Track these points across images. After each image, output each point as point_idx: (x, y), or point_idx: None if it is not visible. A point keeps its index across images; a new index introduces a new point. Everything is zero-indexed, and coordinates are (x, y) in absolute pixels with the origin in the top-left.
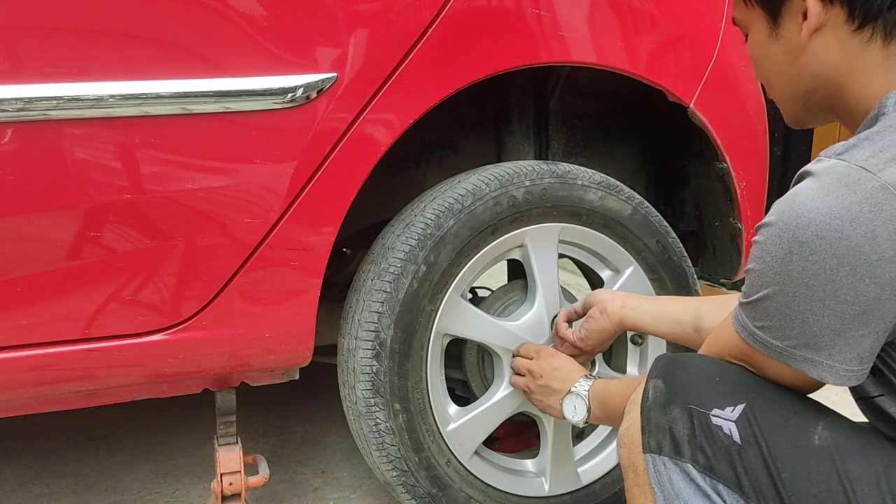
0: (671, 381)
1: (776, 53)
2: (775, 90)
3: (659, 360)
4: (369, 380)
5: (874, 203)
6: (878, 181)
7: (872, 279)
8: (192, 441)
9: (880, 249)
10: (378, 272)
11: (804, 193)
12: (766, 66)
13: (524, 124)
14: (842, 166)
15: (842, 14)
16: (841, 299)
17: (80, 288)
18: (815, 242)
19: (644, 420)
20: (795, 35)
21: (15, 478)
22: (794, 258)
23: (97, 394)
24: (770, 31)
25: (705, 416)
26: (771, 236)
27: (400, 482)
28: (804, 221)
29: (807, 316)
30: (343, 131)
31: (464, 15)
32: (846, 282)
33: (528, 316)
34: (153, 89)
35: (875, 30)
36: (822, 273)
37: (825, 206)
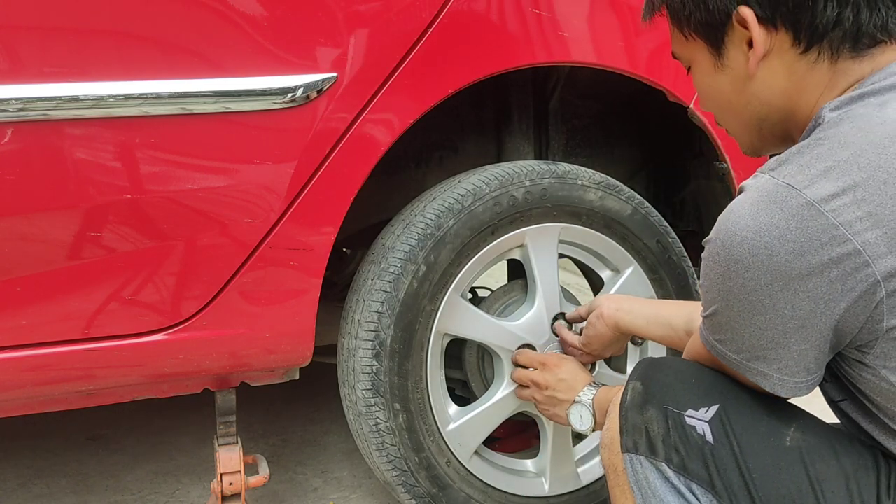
0: (649, 382)
1: (723, 84)
2: (727, 121)
3: (640, 364)
4: (369, 380)
5: (800, 220)
6: (804, 198)
7: (805, 293)
8: (192, 441)
9: (809, 265)
10: (378, 272)
11: (737, 211)
12: (715, 98)
13: (524, 124)
14: (771, 183)
15: (787, 39)
16: (780, 313)
17: (80, 288)
18: (748, 260)
19: (622, 420)
20: (742, 64)
21: (15, 478)
22: (732, 275)
23: (97, 394)
24: (714, 62)
25: (679, 416)
26: (711, 254)
27: (400, 482)
28: (737, 240)
29: (752, 330)
30: (343, 131)
31: (464, 15)
32: (782, 296)
33: (528, 316)
34: (153, 89)
35: (821, 50)
36: (758, 289)
37: (755, 224)
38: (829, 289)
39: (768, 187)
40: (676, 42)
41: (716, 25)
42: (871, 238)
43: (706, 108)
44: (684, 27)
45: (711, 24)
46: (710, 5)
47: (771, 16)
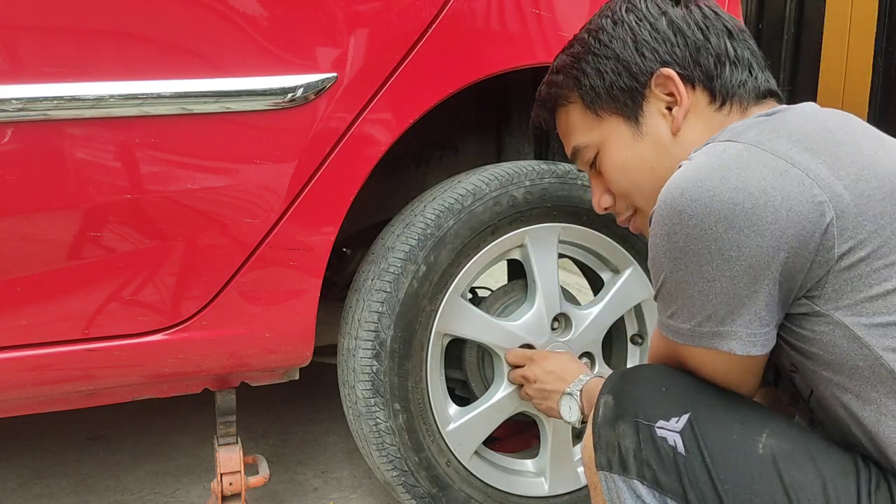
0: (620, 395)
1: (644, 152)
2: (647, 192)
3: (612, 376)
4: (369, 380)
5: (741, 160)
6: (741, 144)
7: (751, 228)
8: (192, 441)
9: (752, 197)
10: (378, 272)
11: (678, 172)
12: (636, 169)
13: (524, 124)
14: (706, 147)
15: (704, 97)
16: (726, 257)
17: (80, 288)
18: (692, 207)
19: (595, 437)
20: (662, 128)
21: (15, 478)
22: (677, 228)
23: (97, 394)
24: (633, 133)
25: (650, 428)
26: (656, 220)
27: (400, 482)
28: (678, 192)
29: (701, 286)
30: (343, 131)
31: (463, 15)
32: (727, 237)
33: (528, 316)
34: (153, 89)
35: (732, 105)
36: (703, 235)
37: (695, 173)
38: (773, 217)
39: (705, 149)
40: (582, 130)
41: (635, 91)
42: (812, 165)
43: (622, 187)
44: (599, 104)
45: (632, 90)
46: (634, 69)
47: (690, 76)
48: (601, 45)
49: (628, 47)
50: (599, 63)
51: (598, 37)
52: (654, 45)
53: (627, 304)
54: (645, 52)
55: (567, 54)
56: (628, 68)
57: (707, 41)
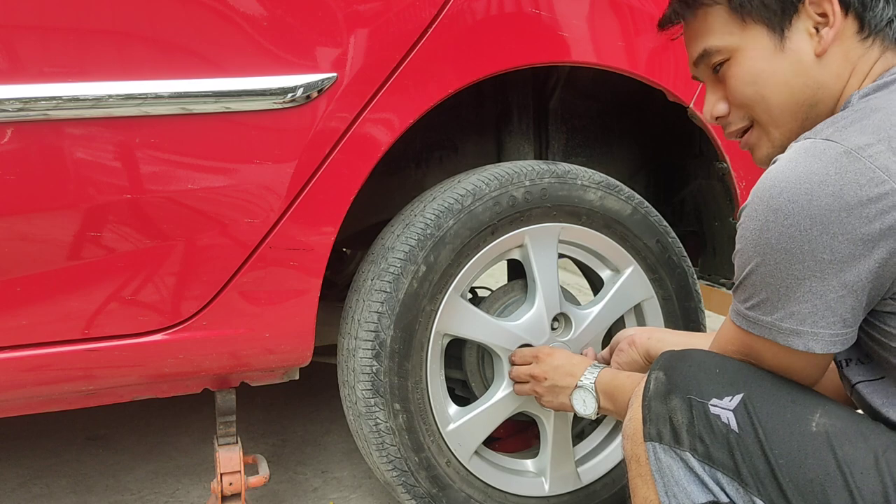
0: (672, 372)
1: (782, 67)
2: (773, 109)
3: (663, 355)
4: (369, 380)
5: (839, 165)
6: (842, 147)
7: (844, 235)
8: (192, 441)
9: (848, 206)
10: (378, 272)
11: (775, 170)
12: (768, 83)
13: (524, 124)
14: (807, 142)
15: (854, 26)
16: (818, 258)
17: (80, 288)
18: (788, 207)
19: (645, 410)
20: (805, 48)
21: (15, 478)
22: (771, 225)
23: (97, 394)
24: (775, 46)
25: (703, 405)
26: (749, 213)
27: (400, 482)
28: (776, 191)
29: (790, 282)
30: (343, 131)
31: (464, 15)
32: (821, 240)
33: (527, 316)
34: (153, 89)
35: (875, 40)
36: (797, 235)
37: (794, 174)
38: (868, 228)
39: (805, 145)
40: (721, 33)
41: (790, 4)
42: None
43: (747, 98)
44: (748, 12)
45: (785, 4)
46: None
47: (846, 3)
48: None
49: None
50: None
51: None
52: None
53: (627, 304)
54: None
55: None
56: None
57: None
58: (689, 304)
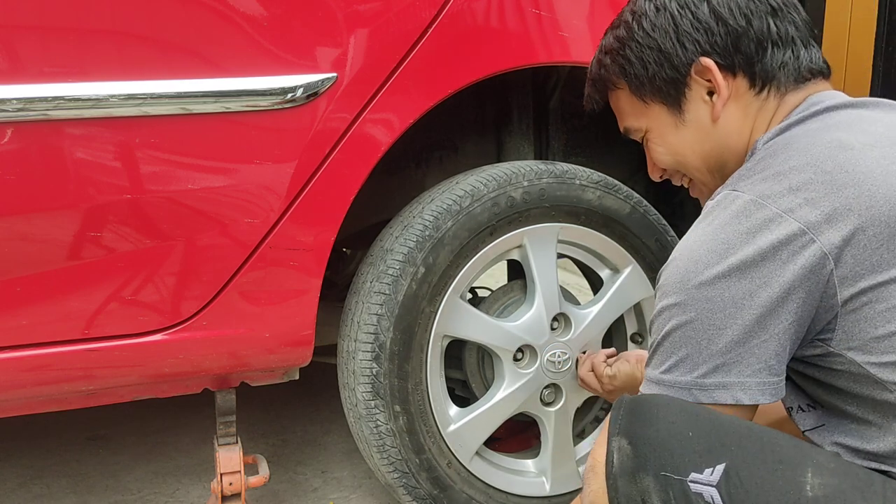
0: (637, 441)
1: (687, 137)
2: (693, 171)
3: (619, 410)
4: (369, 382)
5: (748, 213)
6: (748, 196)
7: (762, 279)
8: (192, 441)
9: (761, 249)
10: (377, 274)
11: (692, 229)
12: (681, 152)
13: (524, 124)
14: (719, 195)
15: (744, 83)
16: (739, 305)
17: (80, 288)
18: (707, 257)
19: (611, 490)
20: (703, 115)
21: (15, 478)
22: (691, 276)
23: (97, 394)
24: (675, 120)
25: (682, 483)
26: (669, 269)
27: (401, 484)
28: (695, 244)
29: (711, 333)
30: (343, 131)
31: (463, 15)
32: (740, 286)
33: (527, 316)
34: (153, 89)
35: (771, 89)
36: (717, 283)
37: (710, 227)
38: (782, 270)
39: (717, 198)
40: (630, 115)
41: (677, 81)
42: (811, 218)
43: (670, 166)
44: (644, 92)
45: (673, 80)
46: (675, 61)
47: (730, 64)
48: (644, 34)
49: (670, 38)
50: (643, 52)
51: (640, 23)
52: (694, 35)
53: (627, 303)
54: (686, 42)
55: (613, 37)
56: (670, 60)
57: (749, 26)
58: None
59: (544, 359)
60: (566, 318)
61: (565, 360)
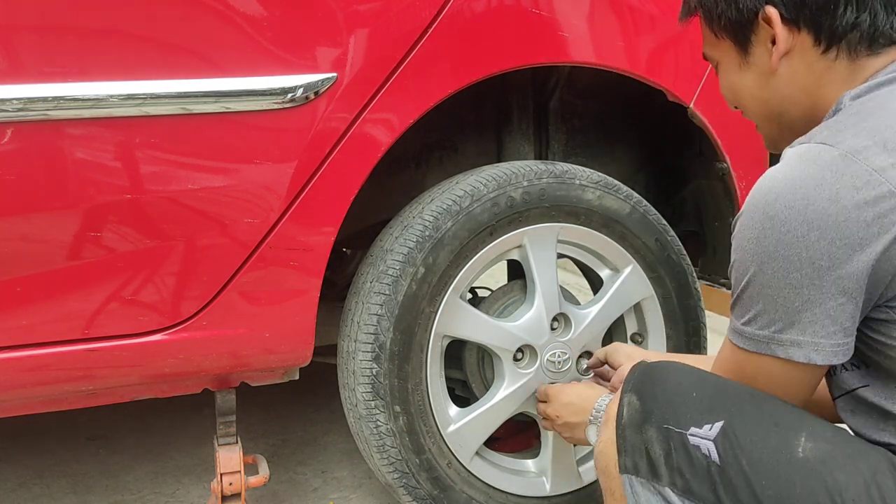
0: (646, 397)
1: (748, 80)
2: (751, 114)
3: (633, 372)
4: (369, 382)
5: (835, 169)
6: (837, 150)
7: (842, 240)
8: (192, 441)
9: (846, 210)
10: (376, 274)
11: (769, 175)
12: (740, 93)
13: (524, 124)
14: (802, 147)
15: (808, 39)
16: (816, 265)
17: (80, 288)
18: (785, 213)
19: (619, 439)
20: (766, 61)
21: (15, 478)
22: (768, 233)
23: (97, 394)
24: (740, 60)
25: (682, 435)
26: (744, 222)
27: (401, 484)
28: (772, 197)
29: (787, 291)
30: (343, 131)
31: (463, 15)
32: (818, 246)
33: (527, 316)
34: (153, 89)
35: (839, 50)
36: (795, 242)
37: (790, 180)
38: (865, 232)
39: (800, 150)
40: (707, 43)
41: (743, 24)
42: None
43: (732, 104)
44: (714, 26)
45: (740, 22)
46: (740, 4)
47: (794, 17)
48: None
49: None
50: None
51: None
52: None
53: (627, 303)
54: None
55: None
56: (736, 2)
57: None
58: (688, 302)
59: (544, 359)
60: (566, 318)
61: (565, 361)
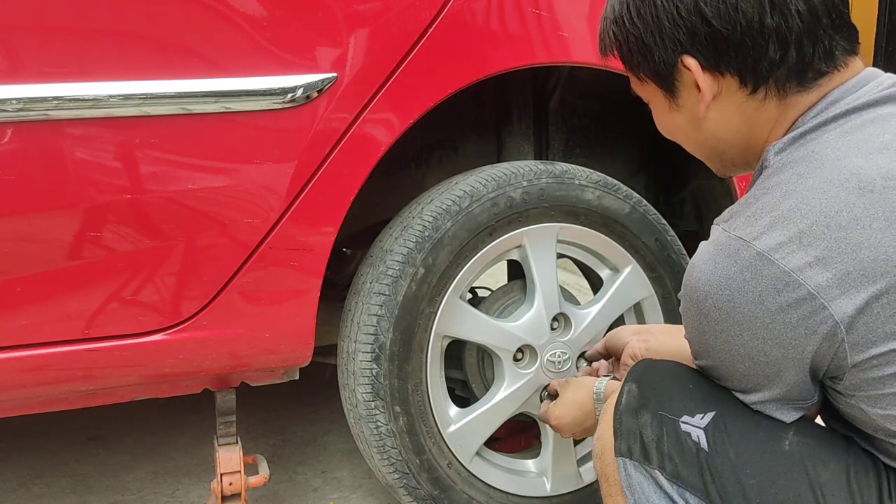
0: (645, 386)
1: (680, 122)
2: (691, 150)
3: (637, 365)
4: (369, 383)
5: (754, 270)
6: (754, 249)
7: (773, 340)
8: (192, 441)
9: (770, 313)
10: (376, 275)
11: (698, 267)
12: (675, 134)
13: (524, 124)
14: (724, 237)
15: (734, 82)
16: (756, 360)
17: (80, 288)
18: (716, 314)
19: (616, 423)
20: (694, 105)
21: (15, 478)
22: (706, 329)
23: (97, 394)
24: (669, 103)
25: (674, 422)
26: (685, 310)
27: (401, 484)
28: (702, 295)
29: (738, 376)
30: (343, 131)
31: (463, 15)
32: (753, 344)
33: (527, 316)
34: (153, 89)
35: (768, 90)
36: (731, 340)
37: (714, 278)
38: (793, 332)
39: (722, 240)
40: (633, 83)
41: (664, 73)
42: (822, 281)
43: (669, 138)
44: (636, 72)
45: (660, 72)
46: (657, 56)
47: (715, 63)
48: (630, 19)
49: (651, 32)
50: (629, 38)
51: (628, 6)
52: (675, 34)
53: (627, 303)
54: (666, 40)
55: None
56: (652, 54)
57: (737, 24)
58: None
59: (544, 359)
60: (566, 318)
61: (565, 361)
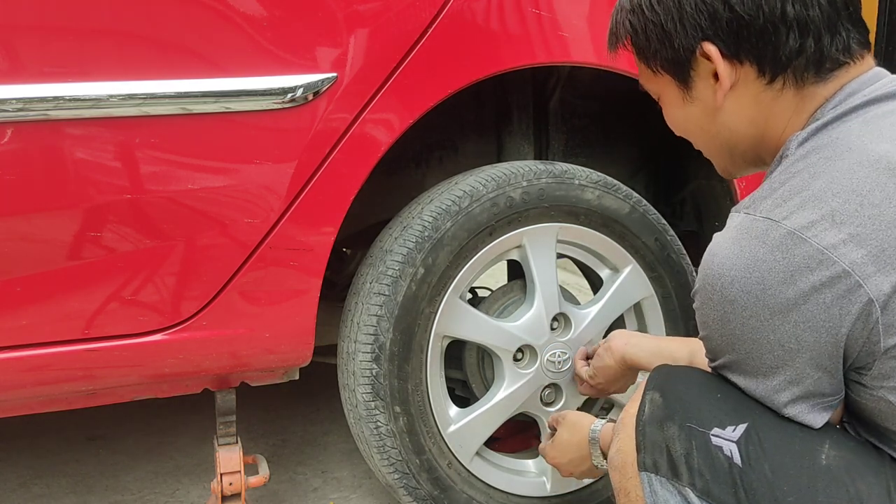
0: (669, 395)
1: (693, 115)
2: (700, 146)
3: (658, 371)
4: (369, 383)
5: (785, 249)
6: (785, 228)
7: (805, 322)
8: (192, 441)
9: (802, 291)
10: (376, 275)
11: (720, 252)
12: (687, 127)
13: (524, 124)
14: (748, 220)
15: (752, 71)
16: (787, 347)
17: (80, 288)
18: (743, 298)
19: (639, 435)
20: (710, 96)
21: (15, 478)
22: (730, 317)
23: (97, 394)
24: (683, 95)
25: (704, 435)
26: (704, 301)
27: (401, 485)
28: (727, 280)
29: (765, 370)
30: (343, 131)
31: (463, 15)
32: (783, 329)
33: (527, 316)
34: (153, 89)
35: (786, 79)
36: (760, 326)
37: (741, 261)
38: (826, 314)
39: (746, 224)
40: (644, 76)
41: (682, 62)
42: (857, 258)
43: (679, 134)
44: (651, 63)
45: (677, 60)
46: (676, 43)
47: (735, 51)
48: (650, 7)
49: (672, 17)
50: (647, 26)
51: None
52: (696, 19)
53: (627, 303)
54: (687, 26)
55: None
56: (671, 41)
57: (759, 10)
58: (688, 301)
59: (544, 359)
60: (566, 318)
61: (565, 360)
